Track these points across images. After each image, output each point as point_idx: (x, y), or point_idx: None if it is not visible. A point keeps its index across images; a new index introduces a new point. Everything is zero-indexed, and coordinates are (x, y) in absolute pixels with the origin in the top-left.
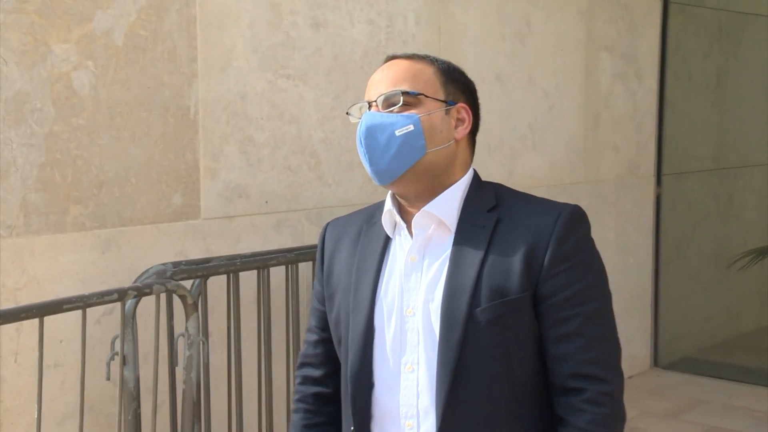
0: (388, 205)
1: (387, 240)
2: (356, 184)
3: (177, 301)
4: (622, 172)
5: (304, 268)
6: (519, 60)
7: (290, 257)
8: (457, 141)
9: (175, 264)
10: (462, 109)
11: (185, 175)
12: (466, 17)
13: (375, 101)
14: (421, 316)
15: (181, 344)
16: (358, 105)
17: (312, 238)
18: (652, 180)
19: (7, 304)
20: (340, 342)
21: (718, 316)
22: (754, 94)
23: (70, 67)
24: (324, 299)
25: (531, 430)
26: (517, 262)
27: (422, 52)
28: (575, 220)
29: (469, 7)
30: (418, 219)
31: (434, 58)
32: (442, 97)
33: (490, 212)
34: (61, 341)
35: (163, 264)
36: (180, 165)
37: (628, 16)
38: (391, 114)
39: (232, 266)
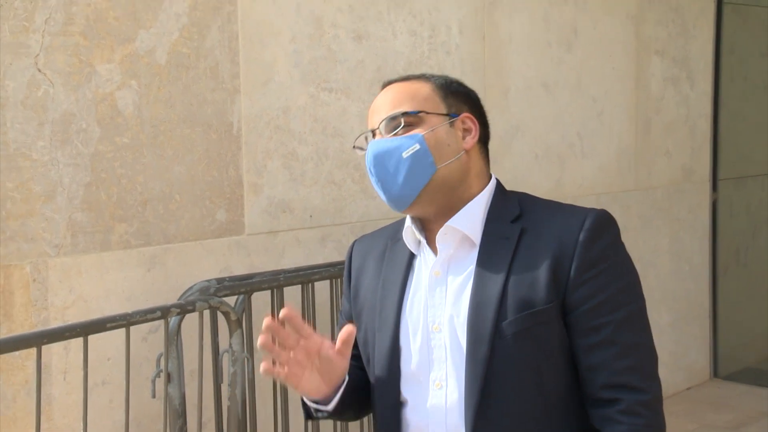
0: (409, 221)
1: (411, 257)
2: None
3: (221, 318)
4: (675, 177)
5: None
6: (566, 67)
7: (334, 272)
8: (467, 151)
9: (219, 280)
10: (467, 119)
11: (229, 191)
12: (511, 25)
13: (378, 128)
14: (447, 331)
15: (226, 361)
16: (363, 135)
17: None
18: (708, 185)
19: (55, 323)
20: (369, 361)
21: None
22: None
23: (114, 87)
24: (352, 317)
25: None
26: (542, 272)
27: (467, 61)
28: (601, 225)
29: (514, 15)
30: (441, 235)
31: (430, 75)
32: (443, 111)
33: (514, 223)
34: (108, 359)
35: (207, 281)
36: (223, 181)
37: (679, 18)
38: (395, 138)
39: (275, 282)
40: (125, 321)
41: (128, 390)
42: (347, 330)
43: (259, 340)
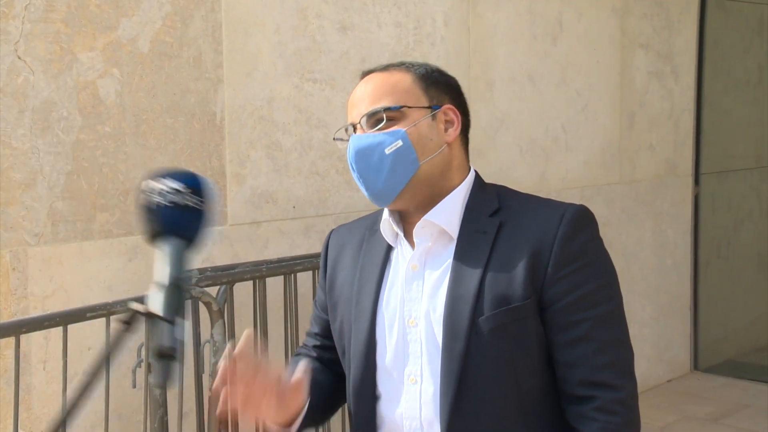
0: (386, 214)
1: (389, 249)
2: None
3: (203, 308)
4: (658, 171)
5: None
6: (551, 60)
7: (316, 263)
8: (449, 144)
9: (201, 271)
10: (449, 111)
11: (211, 181)
12: (497, 17)
13: (359, 123)
14: (423, 326)
15: (207, 351)
16: (343, 128)
17: None
18: (691, 179)
19: (35, 312)
20: (344, 353)
21: (761, 318)
22: None
23: (96, 75)
24: (326, 308)
25: None
26: (520, 267)
27: (452, 53)
28: (580, 220)
29: (499, 8)
30: (418, 228)
31: (410, 64)
32: (425, 103)
33: (492, 216)
34: (89, 349)
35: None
36: (206, 171)
37: (663, 12)
38: (377, 133)
39: (257, 272)
40: (105, 311)
41: (108, 380)
42: (301, 368)
43: (215, 385)
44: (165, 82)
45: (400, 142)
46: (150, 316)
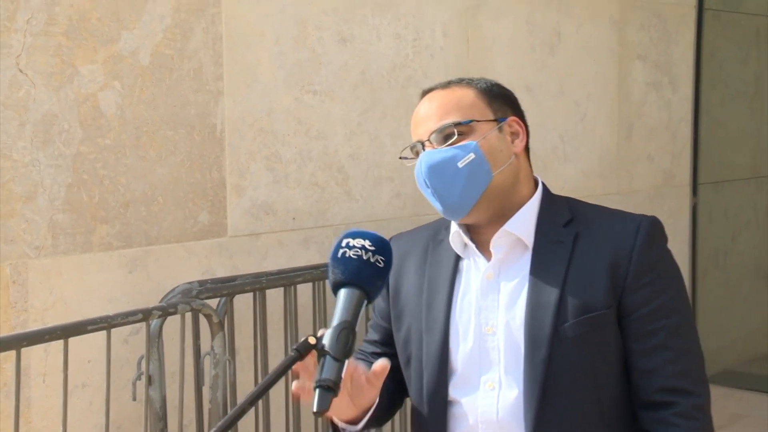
0: (455, 226)
1: (457, 259)
2: (384, 199)
3: (203, 320)
4: (656, 182)
5: None
6: (549, 70)
7: (316, 274)
8: (517, 155)
9: (201, 283)
10: (513, 123)
11: (211, 193)
12: (495, 29)
13: (428, 139)
14: (502, 334)
15: (207, 363)
16: (409, 147)
17: None
18: (688, 190)
19: (35, 325)
20: (408, 361)
21: (760, 329)
22: None
23: (97, 88)
24: (388, 316)
25: None
26: (600, 276)
27: (451, 64)
28: (655, 231)
29: (498, 19)
30: (496, 239)
31: (470, 79)
32: (491, 116)
33: (566, 227)
34: (89, 362)
35: (189, 283)
36: (206, 183)
37: (661, 24)
38: (449, 148)
39: (257, 284)
40: (106, 323)
41: (108, 393)
42: (381, 365)
43: (294, 386)
44: (165, 95)
45: (473, 155)
46: (323, 352)
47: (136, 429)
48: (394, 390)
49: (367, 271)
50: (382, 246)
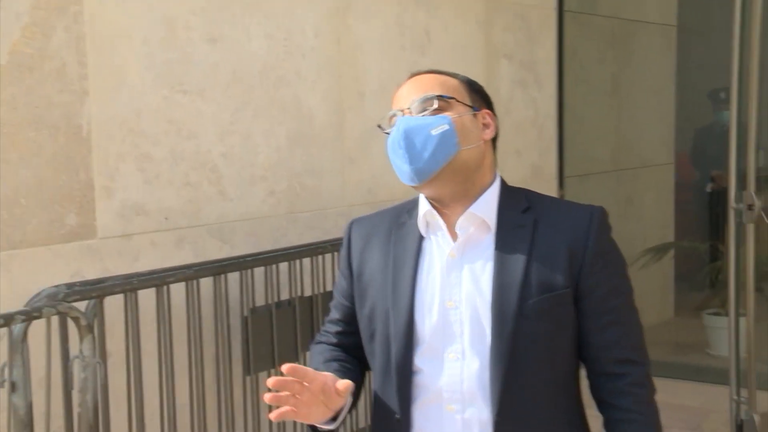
0: (425, 207)
1: (421, 239)
2: (258, 198)
3: (72, 324)
4: (525, 175)
5: (206, 284)
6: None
7: (189, 273)
8: (485, 142)
9: (69, 285)
10: (487, 115)
11: (79, 195)
12: (366, 29)
13: (408, 107)
14: (465, 309)
15: (76, 367)
16: (387, 116)
17: (214, 254)
18: (555, 182)
19: None
20: (372, 336)
21: None
22: (648, 97)
23: None
24: (351, 296)
25: (566, 416)
26: (559, 258)
27: (323, 64)
28: (605, 219)
29: (367, 20)
30: (462, 220)
31: (455, 73)
32: (469, 103)
33: (525, 213)
34: None
35: (56, 286)
36: (73, 185)
37: (525, 25)
38: (426, 116)
39: (128, 285)
40: None
41: None
42: (344, 384)
43: (266, 397)
44: (26, 95)
45: (446, 126)
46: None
47: None
48: (360, 372)
49: None
50: None
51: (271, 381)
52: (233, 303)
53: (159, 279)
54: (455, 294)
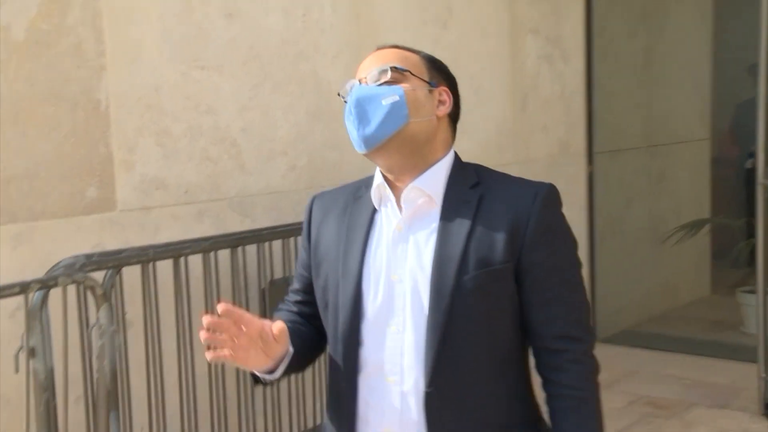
0: (379, 179)
1: (373, 213)
2: (278, 172)
3: (91, 294)
4: (552, 151)
5: (224, 257)
6: (442, 46)
7: (205, 245)
8: (438, 118)
9: (88, 256)
10: (443, 92)
11: (99, 168)
12: (386, 4)
13: (365, 77)
14: (408, 282)
15: (94, 334)
16: (348, 85)
17: (234, 227)
18: (584, 158)
19: None
20: (326, 306)
21: (655, 290)
22: (680, 72)
23: None
24: (309, 266)
25: (510, 391)
26: (500, 234)
27: (342, 41)
28: (552, 196)
29: None
30: (407, 193)
31: (419, 50)
32: (426, 78)
33: (473, 189)
34: None
35: (74, 256)
36: (93, 158)
37: None
38: (379, 86)
39: (144, 256)
40: None
41: None
42: (278, 327)
43: (202, 336)
44: (44, 70)
45: (397, 97)
46: None
47: (24, 401)
48: (313, 336)
49: None
50: None
51: (205, 320)
52: (251, 275)
53: (175, 250)
54: (400, 267)
